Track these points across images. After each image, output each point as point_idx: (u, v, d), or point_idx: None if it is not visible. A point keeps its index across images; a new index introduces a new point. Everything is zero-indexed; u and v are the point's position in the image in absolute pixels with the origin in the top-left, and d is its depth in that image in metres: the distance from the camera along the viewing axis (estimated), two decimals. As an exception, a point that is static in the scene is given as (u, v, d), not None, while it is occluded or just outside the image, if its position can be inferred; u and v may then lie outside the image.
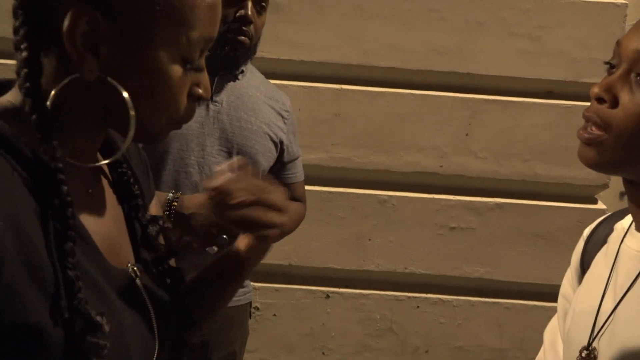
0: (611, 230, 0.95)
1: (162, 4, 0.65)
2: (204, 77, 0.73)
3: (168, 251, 0.83)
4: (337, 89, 2.23)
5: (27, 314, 0.60)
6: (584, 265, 0.99)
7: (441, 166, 2.28)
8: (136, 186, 0.82)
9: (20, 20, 0.66)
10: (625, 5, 2.24)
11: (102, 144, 0.77)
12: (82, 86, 0.67)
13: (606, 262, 0.91)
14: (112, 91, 0.66)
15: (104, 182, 0.79)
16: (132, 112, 0.67)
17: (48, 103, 0.66)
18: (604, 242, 0.95)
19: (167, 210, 1.39)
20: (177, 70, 0.69)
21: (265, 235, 0.85)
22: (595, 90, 0.84)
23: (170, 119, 0.72)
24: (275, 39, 2.15)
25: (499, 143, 2.28)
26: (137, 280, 0.75)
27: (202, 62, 0.73)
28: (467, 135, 2.27)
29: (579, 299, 0.95)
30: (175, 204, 1.39)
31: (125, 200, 0.81)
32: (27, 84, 0.66)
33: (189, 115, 0.74)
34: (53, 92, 0.66)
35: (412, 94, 2.25)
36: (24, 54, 0.66)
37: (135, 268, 0.76)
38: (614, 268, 0.89)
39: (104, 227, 0.74)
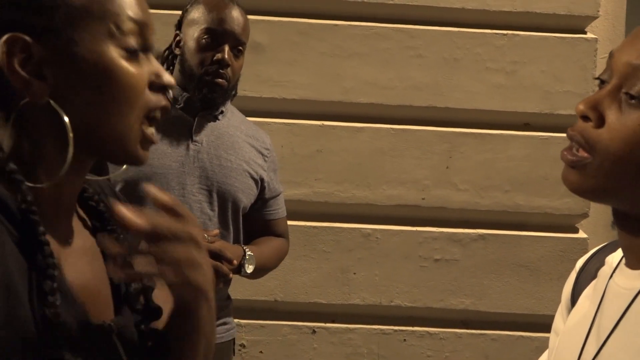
0: (602, 264, 0.86)
1: (79, 5, 0.66)
2: (160, 67, 0.72)
3: (148, 312, 0.79)
4: (319, 125, 2.28)
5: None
6: (575, 299, 0.90)
7: (423, 199, 2.32)
8: (121, 237, 0.79)
9: None
10: (596, 40, 2.32)
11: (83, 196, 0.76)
12: (42, 122, 0.67)
13: (593, 299, 0.82)
14: (67, 111, 0.66)
15: (86, 234, 0.77)
16: (70, 135, 0.66)
17: (4, 145, 0.66)
18: (594, 275, 0.87)
19: None
20: (124, 63, 0.68)
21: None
22: (581, 107, 0.74)
23: (140, 113, 0.70)
24: (257, 77, 2.21)
25: (479, 175, 2.32)
26: (114, 337, 0.73)
27: (150, 45, 0.72)
28: (447, 168, 2.32)
29: (562, 338, 0.87)
30: None
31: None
32: None
33: (161, 105, 0.72)
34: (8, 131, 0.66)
35: (392, 129, 2.30)
36: None
37: (112, 324, 0.73)
38: (600, 307, 0.79)
39: (83, 278, 0.73)
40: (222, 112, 1.59)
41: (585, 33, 2.34)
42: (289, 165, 2.24)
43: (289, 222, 1.80)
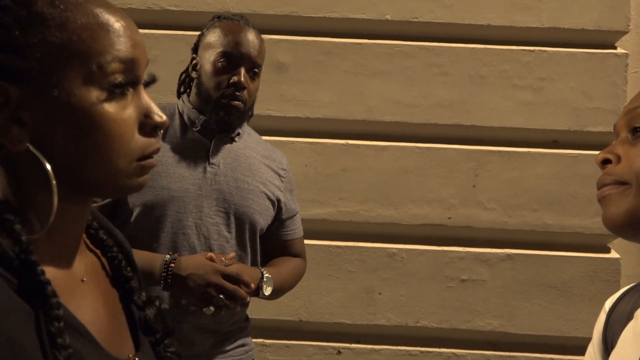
0: (637, 305, 0.87)
1: (57, 43, 0.61)
2: (152, 106, 0.68)
3: (166, 332, 0.80)
4: (343, 144, 2.27)
5: None
6: (608, 341, 0.91)
7: (449, 218, 2.29)
8: (129, 268, 0.79)
9: None
10: (626, 55, 2.27)
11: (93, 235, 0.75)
12: (28, 168, 0.63)
13: (635, 343, 0.82)
14: (49, 157, 0.62)
15: (97, 267, 0.76)
16: (53, 182, 0.62)
17: None
18: (629, 317, 0.87)
19: (164, 272, 1.41)
20: (107, 107, 0.63)
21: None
22: (599, 156, 0.87)
23: (130, 159, 0.66)
24: (281, 97, 2.21)
25: (506, 193, 2.28)
26: None
27: (139, 79, 0.67)
28: (474, 186, 2.28)
29: None
30: (173, 265, 1.41)
31: (119, 284, 0.78)
32: None
33: (153, 149, 0.68)
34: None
35: (417, 147, 2.28)
36: None
37: (136, 358, 0.73)
38: None
39: (100, 315, 0.71)
40: (238, 133, 1.60)
41: (615, 48, 2.29)
42: (313, 185, 2.23)
43: (314, 242, 1.79)
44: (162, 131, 0.70)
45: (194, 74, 1.58)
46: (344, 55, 2.25)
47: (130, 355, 0.73)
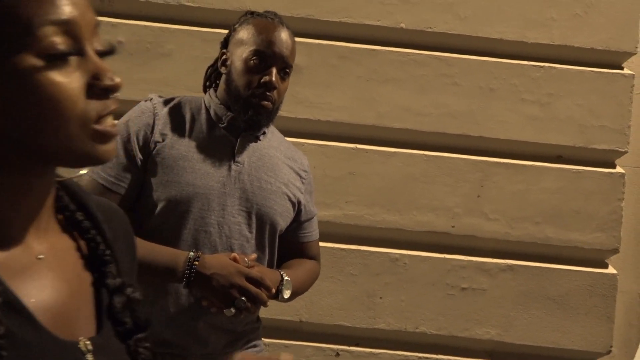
0: None
1: None
2: (101, 67, 0.64)
3: (136, 325, 0.74)
4: (352, 148, 2.29)
5: None
6: None
7: (453, 226, 2.31)
8: (108, 252, 0.75)
9: None
10: (633, 76, 2.31)
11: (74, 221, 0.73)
12: None
13: None
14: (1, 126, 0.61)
15: (67, 248, 0.73)
16: None
17: None
18: None
19: (187, 269, 1.40)
20: (45, 73, 0.61)
21: None
22: None
23: (80, 123, 0.63)
24: (293, 98, 2.23)
25: (510, 205, 2.31)
26: (89, 356, 0.67)
27: (89, 50, 0.64)
28: (478, 196, 2.31)
29: None
30: (197, 263, 1.40)
31: (94, 267, 0.74)
32: None
33: (107, 111, 0.66)
34: None
35: (425, 155, 2.30)
36: None
37: (87, 342, 0.68)
38: None
39: (54, 295, 0.67)
40: (264, 132, 1.59)
41: (622, 69, 2.34)
42: (320, 187, 2.24)
43: (318, 243, 1.80)
44: (116, 94, 0.66)
45: (223, 70, 1.55)
46: (358, 61, 2.28)
47: (82, 338, 0.68)
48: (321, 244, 1.85)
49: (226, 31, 1.59)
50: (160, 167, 1.47)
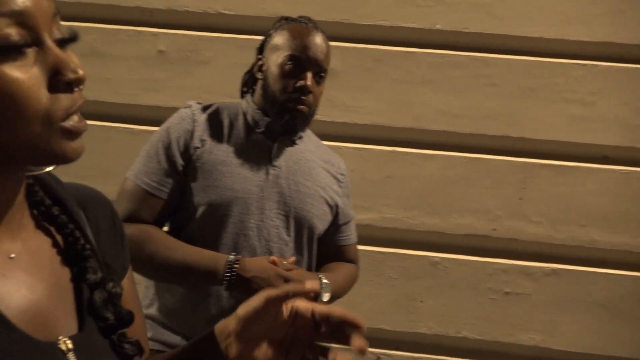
0: None
1: None
2: (62, 59, 0.60)
3: (118, 320, 0.72)
4: (389, 151, 2.28)
5: None
6: None
7: (494, 229, 2.27)
8: (87, 246, 0.72)
9: None
10: (681, 72, 2.23)
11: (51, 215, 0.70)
12: None
13: None
14: None
15: (43, 244, 0.70)
16: None
17: None
18: None
19: (228, 272, 1.42)
20: (5, 70, 0.57)
21: None
22: None
23: (44, 121, 0.59)
24: (330, 102, 2.24)
25: (554, 208, 2.25)
26: (70, 355, 0.65)
27: (47, 40, 0.60)
28: (520, 199, 2.26)
29: None
30: (237, 266, 1.42)
31: (73, 262, 0.71)
32: None
33: (76, 107, 0.62)
34: None
35: (464, 157, 2.27)
36: None
37: (67, 341, 0.66)
38: None
39: (28, 295, 0.65)
40: (300, 136, 1.60)
41: (669, 64, 2.26)
42: (358, 190, 2.23)
43: (357, 247, 1.79)
44: (81, 87, 0.62)
45: (259, 75, 1.57)
46: (394, 63, 2.27)
47: (61, 337, 0.65)
48: (360, 247, 1.84)
49: (262, 37, 1.61)
50: (200, 172, 1.49)
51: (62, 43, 0.62)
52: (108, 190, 0.91)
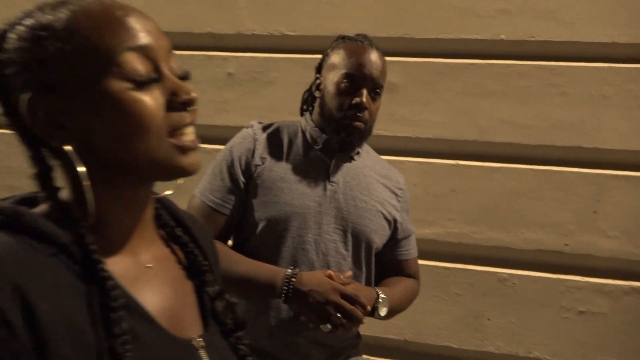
0: None
1: (73, 52, 0.67)
2: (178, 84, 0.71)
3: (236, 325, 0.83)
4: (453, 165, 2.25)
5: None
6: None
7: (566, 245, 2.17)
8: (205, 262, 0.84)
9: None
10: None
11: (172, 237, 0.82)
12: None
13: None
14: (94, 149, 0.69)
15: (169, 258, 0.81)
16: (86, 183, 0.69)
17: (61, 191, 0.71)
18: None
19: (285, 286, 1.46)
20: (130, 94, 0.68)
21: None
22: None
23: (160, 136, 0.70)
24: (391, 117, 2.25)
25: (631, 221, 2.12)
26: (201, 352, 0.75)
27: (165, 70, 0.71)
28: (594, 212, 2.15)
29: None
30: (294, 280, 1.46)
31: (194, 276, 0.83)
32: (39, 182, 0.71)
33: (184, 123, 0.72)
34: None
35: (532, 169, 2.19)
36: (29, 154, 0.71)
37: (200, 339, 0.76)
38: None
39: (164, 299, 0.76)
40: (358, 152, 1.63)
41: None
42: (421, 204, 2.23)
43: (420, 262, 1.77)
44: (194, 108, 0.73)
45: (317, 94, 1.61)
46: (456, 76, 2.24)
47: (194, 336, 0.76)
48: (423, 262, 1.83)
49: (324, 56, 1.66)
50: (261, 189, 1.55)
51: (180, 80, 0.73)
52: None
